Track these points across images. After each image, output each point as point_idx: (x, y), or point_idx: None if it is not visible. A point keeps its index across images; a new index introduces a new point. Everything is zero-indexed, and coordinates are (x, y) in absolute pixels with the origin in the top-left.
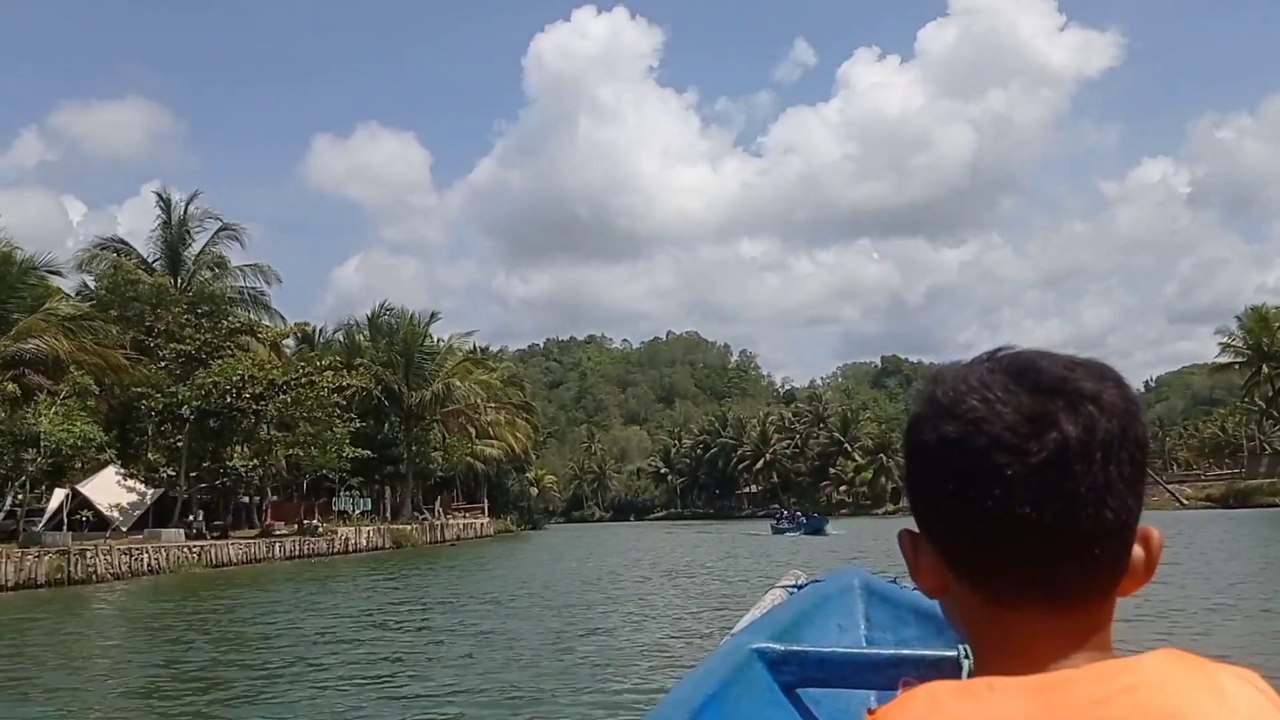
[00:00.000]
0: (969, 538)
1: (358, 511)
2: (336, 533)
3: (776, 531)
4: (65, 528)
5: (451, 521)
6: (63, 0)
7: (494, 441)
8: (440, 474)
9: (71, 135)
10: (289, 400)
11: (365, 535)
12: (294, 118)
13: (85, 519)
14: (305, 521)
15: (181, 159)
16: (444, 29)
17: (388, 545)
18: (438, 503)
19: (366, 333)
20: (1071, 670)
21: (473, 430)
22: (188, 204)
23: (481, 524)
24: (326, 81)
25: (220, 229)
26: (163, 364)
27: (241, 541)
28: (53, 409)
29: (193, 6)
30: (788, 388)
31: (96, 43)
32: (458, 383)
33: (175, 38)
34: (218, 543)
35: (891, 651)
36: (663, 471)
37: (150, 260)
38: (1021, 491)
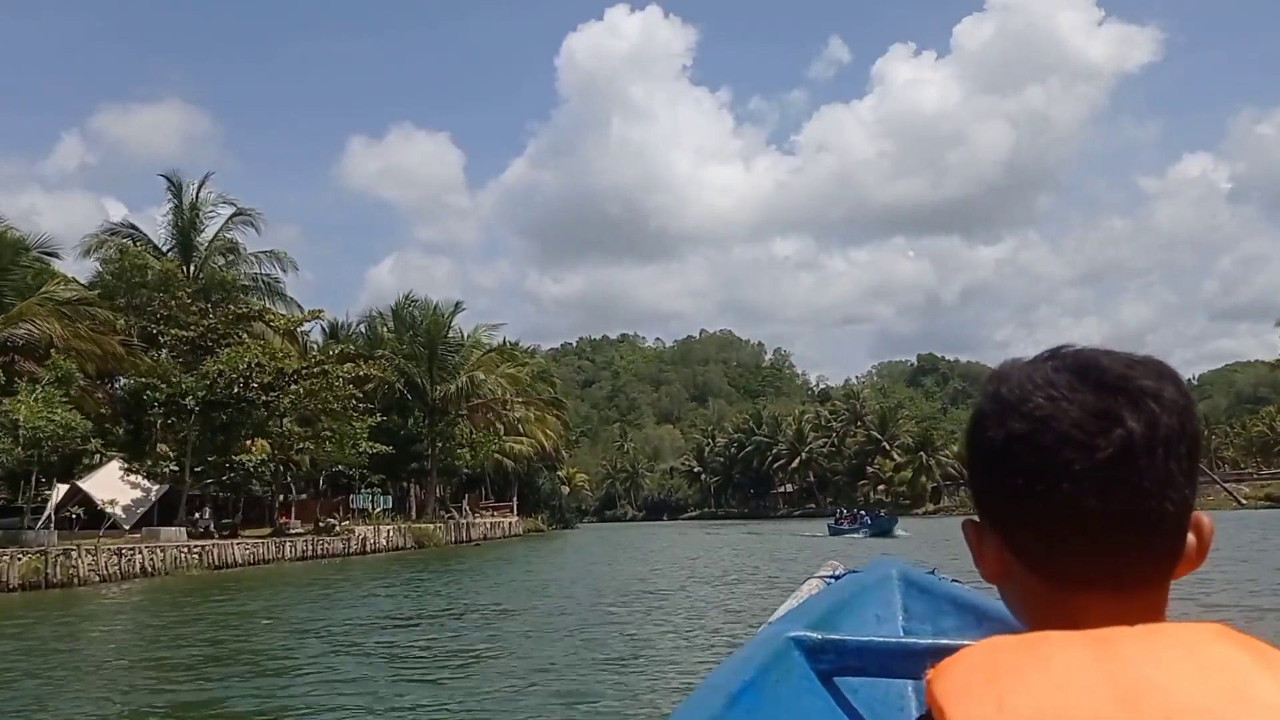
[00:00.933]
0: (1036, 529)
1: (378, 510)
2: (354, 532)
3: (835, 533)
4: (54, 526)
5: (478, 520)
6: (100, 4)
7: (523, 438)
8: (467, 471)
9: (112, 138)
10: (301, 392)
11: (385, 534)
12: (329, 119)
13: (75, 516)
14: (321, 520)
15: (219, 161)
16: (476, 27)
17: (409, 545)
18: (465, 501)
19: (390, 325)
20: (1126, 628)
21: (501, 427)
22: (199, 188)
23: (510, 523)
24: (361, 83)
25: (234, 214)
26: (164, 351)
27: (248, 541)
28: (33, 395)
29: (227, 9)
30: (822, 386)
31: (134, 46)
32: (482, 375)
33: (211, 41)
34: (221, 542)
35: (930, 641)
36: (696, 470)
37: (163, 248)
38: (1089, 485)
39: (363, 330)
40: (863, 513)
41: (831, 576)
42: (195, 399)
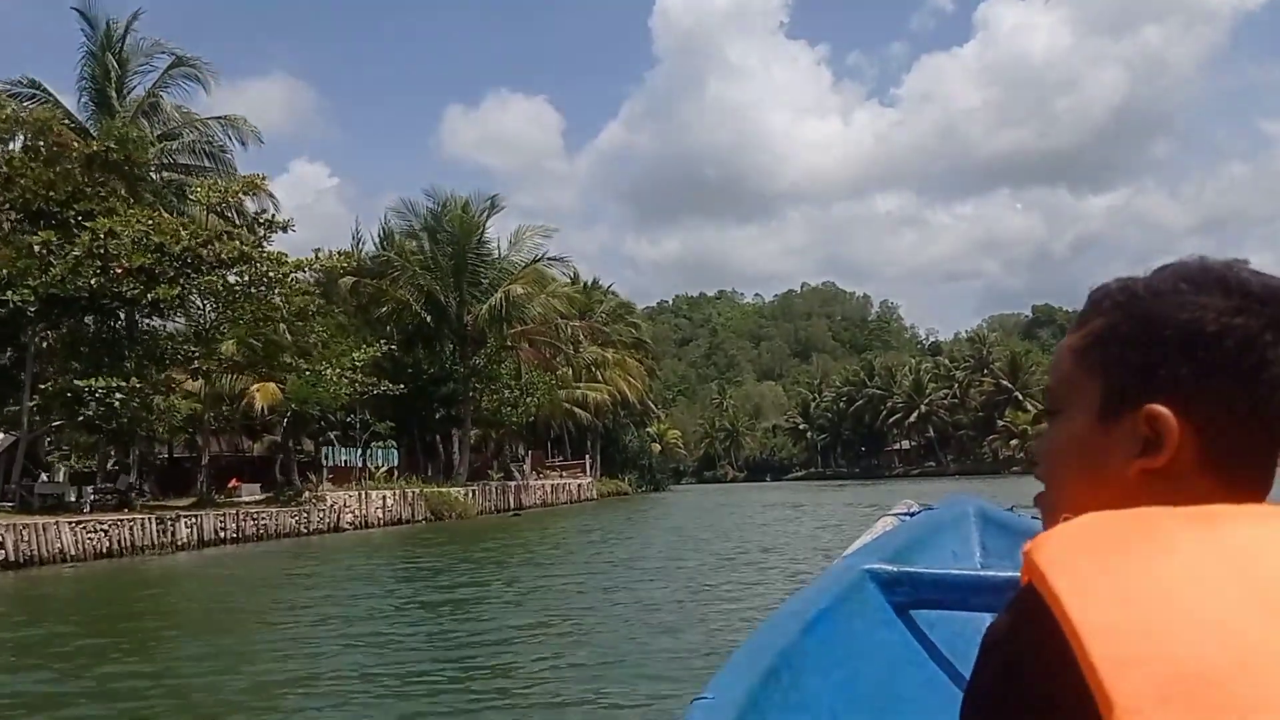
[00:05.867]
0: (1252, 416)
1: (381, 469)
2: (324, 501)
3: None
4: None
5: (537, 483)
6: None
7: (600, 385)
8: (515, 423)
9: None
10: (219, 287)
11: (381, 504)
12: (429, 87)
13: None
14: (291, 486)
15: (325, 133)
16: None
17: (420, 517)
18: (527, 459)
19: (417, 227)
20: (1228, 505)
21: (569, 370)
22: (126, 28)
23: (579, 486)
24: (459, 50)
25: (172, 65)
26: None
27: (101, 520)
28: None
29: None
30: (933, 340)
31: (241, 21)
32: (520, 289)
33: (313, 13)
34: (27, 521)
35: (1010, 574)
36: (801, 428)
37: (82, 113)
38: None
39: (372, 236)
40: None
41: (907, 514)
42: (23, 295)
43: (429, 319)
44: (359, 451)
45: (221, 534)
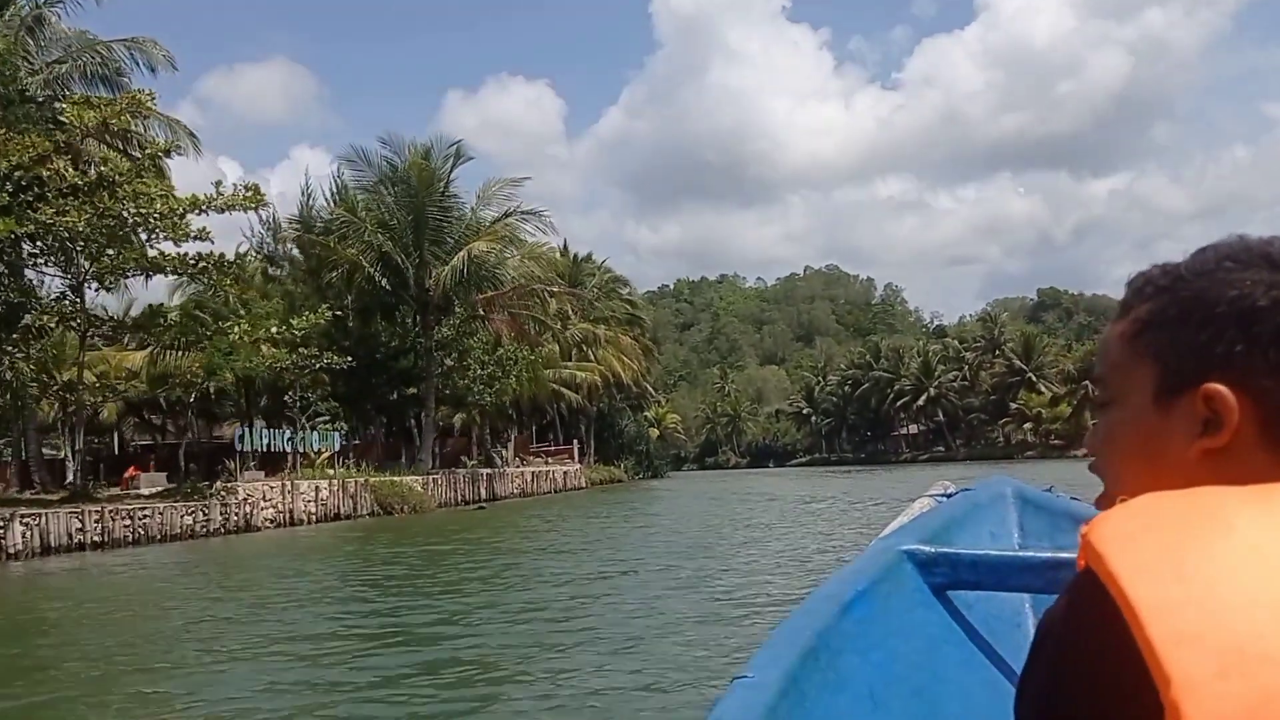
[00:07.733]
0: None
1: (322, 456)
2: (235, 494)
3: None
4: None
5: (515, 471)
6: None
7: (592, 365)
8: (487, 401)
9: (222, 99)
10: (79, 224)
11: (313, 496)
12: (429, 72)
13: None
14: (217, 472)
15: (324, 119)
16: None
17: (364, 512)
18: (511, 445)
19: (379, 187)
20: None
21: (555, 348)
22: None
23: (565, 473)
24: (460, 33)
25: None
26: None
27: None
28: None
29: None
30: (937, 324)
31: (239, 6)
32: (483, 246)
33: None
34: None
35: (1049, 554)
36: (805, 412)
37: None
38: None
39: (324, 192)
40: None
41: (943, 495)
42: None
43: (385, 283)
44: (286, 434)
45: (79, 537)
